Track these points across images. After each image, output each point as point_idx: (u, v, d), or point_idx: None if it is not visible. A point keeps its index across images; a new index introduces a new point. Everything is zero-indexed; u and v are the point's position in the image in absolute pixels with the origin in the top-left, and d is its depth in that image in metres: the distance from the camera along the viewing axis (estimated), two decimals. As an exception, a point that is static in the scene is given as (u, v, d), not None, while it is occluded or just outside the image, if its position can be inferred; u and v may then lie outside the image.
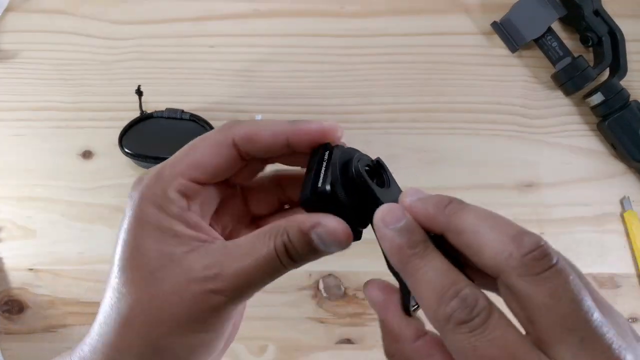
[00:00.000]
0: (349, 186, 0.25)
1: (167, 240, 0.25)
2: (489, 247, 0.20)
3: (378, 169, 0.27)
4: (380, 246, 0.24)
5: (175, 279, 0.24)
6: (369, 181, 0.25)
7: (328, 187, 0.25)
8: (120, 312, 0.25)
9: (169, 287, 0.24)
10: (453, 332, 0.20)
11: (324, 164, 0.25)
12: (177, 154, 0.27)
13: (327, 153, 0.26)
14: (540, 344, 0.19)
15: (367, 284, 0.24)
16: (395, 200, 0.25)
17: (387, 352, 0.23)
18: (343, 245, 0.24)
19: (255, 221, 0.31)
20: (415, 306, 0.24)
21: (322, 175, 0.25)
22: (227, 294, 0.24)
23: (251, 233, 0.25)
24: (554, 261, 0.20)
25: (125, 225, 0.26)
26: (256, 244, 0.25)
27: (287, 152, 0.27)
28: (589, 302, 0.19)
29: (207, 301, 0.24)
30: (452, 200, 0.23)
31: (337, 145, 0.27)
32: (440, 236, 0.23)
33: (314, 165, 0.26)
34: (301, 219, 0.24)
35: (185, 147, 0.27)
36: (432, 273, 0.21)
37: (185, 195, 0.26)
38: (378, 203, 0.24)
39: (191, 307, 0.24)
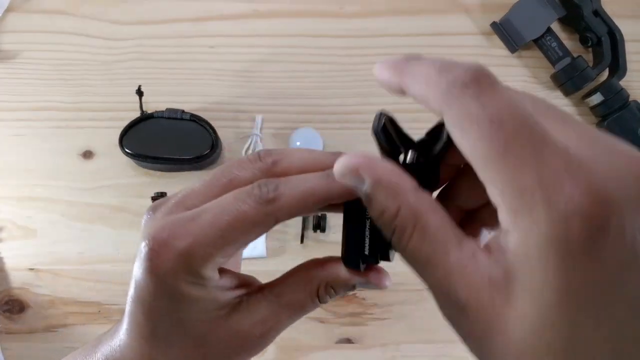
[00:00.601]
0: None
1: (209, 307, 0.25)
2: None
3: None
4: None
5: (227, 341, 0.25)
6: None
7: (376, 255, 0.24)
8: None
9: (222, 346, 0.25)
10: (458, 97, 0.18)
11: (367, 223, 0.24)
12: (205, 225, 0.23)
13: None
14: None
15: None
16: None
17: (387, 211, 0.20)
18: (385, 289, 0.26)
19: None
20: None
21: (367, 239, 0.24)
22: (273, 340, 0.27)
23: (287, 279, 0.26)
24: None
25: (151, 297, 0.24)
26: (298, 295, 0.26)
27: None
28: None
29: (260, 348, 0.26)
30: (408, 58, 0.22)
31: None
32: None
33: (358, 224, 0.24)
34: (347, 276, 0.26)
35: (214, 213, 0.23)
36: (429, 61, 0.20)
37: (219, 268, 0.25)
38: None
39: (245, 356, 0.26)
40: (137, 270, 0.24)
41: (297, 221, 0.57)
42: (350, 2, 0.62)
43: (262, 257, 0.57)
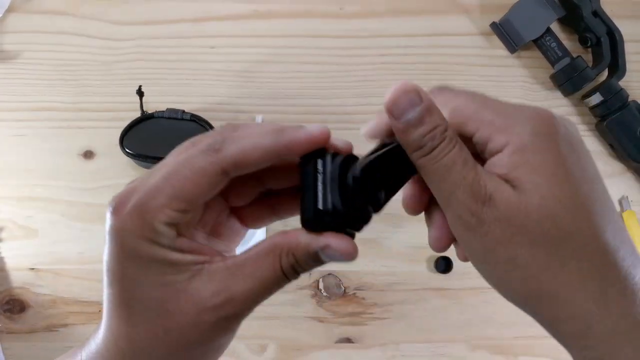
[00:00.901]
0: (347, 195, 0.25)
1: (166, 270, 0.24)
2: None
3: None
4: None
5: (186, 310, 0.25)
6: (368, 192, 0.25)
7: (330, 207, 0.24)
8: (134, 344, 0.25)
9: (182, 318, 0.25)
10: (438, 94, 0.27)
11: (320, 177, 0.25)
12: (160, 178, 0.24)
13: (320, 163, 0.25)
14: None
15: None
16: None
17: (441, 125, 0.25)
18: (352, 260, 0.25)
19: (234, 210, 0.30)
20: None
21: (320, 193, 0.24)
22: (238, 315, 0.25)
23: (250, 251, 0.26)
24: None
25: (112, 259, 0.25)
26: (261, 265, 0.25)
27: (276, 162, 0.26)
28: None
29: (221, 326, 0.25)
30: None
31: (327, 152, 0.26)
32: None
33: (310, 180, 0.25)
34: (306, 241, 0.25)
35: (169, 168, 0.25)
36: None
37: (173, 224, 0.24)
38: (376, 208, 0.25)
39: (207, 334, 0.25)
40: (105, 237, 0.25)
41: (296, 220, 0.57)
42: (350, 2, 0.62)
43: (262, 257, 0.57)
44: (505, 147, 0.24)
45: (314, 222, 0.25)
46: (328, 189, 0.24)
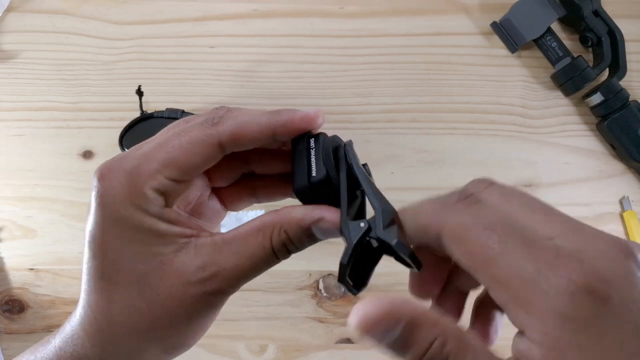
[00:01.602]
0: (337, 170, 0.26)
1: (152, 241, 0.24)
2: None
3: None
4: None
5: (171, 282, 0.24)
6: (362, 171, 0.26)
7: (323, 175, 0.25)
8: (113, 319, 0.24)
9: (166, 291, 0.24)
10: (452, 211, 0.21)
11: (312, 151, 0.26)
12: (153, 145, 0.24)
13: (312, 140, 0.26)
14: None
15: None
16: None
17: (436, 341, 0.18)
18: None
19: (215, 191, 0.30)
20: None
21: (314, 164, 0.25)
22: (224, 292, 0.25)
23: (240, 228, 0.25)
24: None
25: (97, 227, 0.24)
26: (250, 242, 0.25)
27: (269, 142, 0.26)
28: None
29: (206, 301, 0.25)
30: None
31: (320, 133, 0.27)
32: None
33: (303, 153, 0.26)
34: (298, 215, 0.25)
35: (164, 137, 0.25)
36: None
37: (163, 193, 0.24)
38: (365, 188, 0.25)
39: (192, 308, 0.24)
40: (90, 206, 0.24)
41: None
42: (350, 1, 0.62)
43: (262, 257, 0.57)
44: (527, 331, 0.17)
45: (308, 190, 0.25)
46: (321, 161, 0.25)
